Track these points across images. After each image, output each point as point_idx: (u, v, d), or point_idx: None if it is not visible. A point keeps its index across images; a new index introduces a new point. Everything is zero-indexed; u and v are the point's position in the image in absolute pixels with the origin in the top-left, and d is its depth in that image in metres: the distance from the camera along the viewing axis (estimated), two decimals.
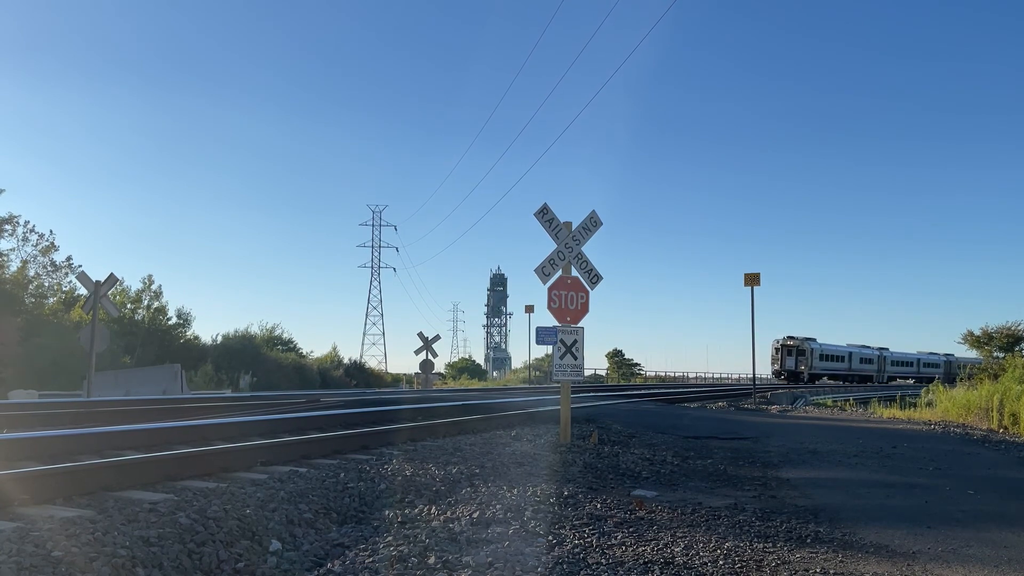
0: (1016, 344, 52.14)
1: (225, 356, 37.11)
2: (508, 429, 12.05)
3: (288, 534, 5.50)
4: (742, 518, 6.12)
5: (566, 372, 10.62)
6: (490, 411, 14.41)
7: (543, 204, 10.98)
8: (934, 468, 9.92)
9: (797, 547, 5.25)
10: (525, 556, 4.65)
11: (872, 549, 5.30)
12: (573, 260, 10.88)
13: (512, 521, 5.52)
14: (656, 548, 5.01)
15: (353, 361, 52.36)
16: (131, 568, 4.38)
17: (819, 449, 11.67)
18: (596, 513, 5.97)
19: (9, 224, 28.91)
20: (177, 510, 5.29)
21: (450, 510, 5.89)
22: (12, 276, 28.28)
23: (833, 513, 6.54)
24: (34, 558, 4.18)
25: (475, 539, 5.07)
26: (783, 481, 8.43)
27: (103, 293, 22.09)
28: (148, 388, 27.06)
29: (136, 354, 33.43)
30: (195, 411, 12.26)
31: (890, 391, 63.70)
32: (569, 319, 10.68)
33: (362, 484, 6.86)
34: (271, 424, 10.42)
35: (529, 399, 19.79)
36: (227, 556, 4.91)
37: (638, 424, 14.35)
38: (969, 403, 21.19)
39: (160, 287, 37.94)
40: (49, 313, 30.83)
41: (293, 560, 4.97)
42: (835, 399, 49.45)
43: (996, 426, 18.17)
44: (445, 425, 11.56)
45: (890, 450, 11.79)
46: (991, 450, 13.00)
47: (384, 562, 4.56)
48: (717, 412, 21.77)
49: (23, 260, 29.90)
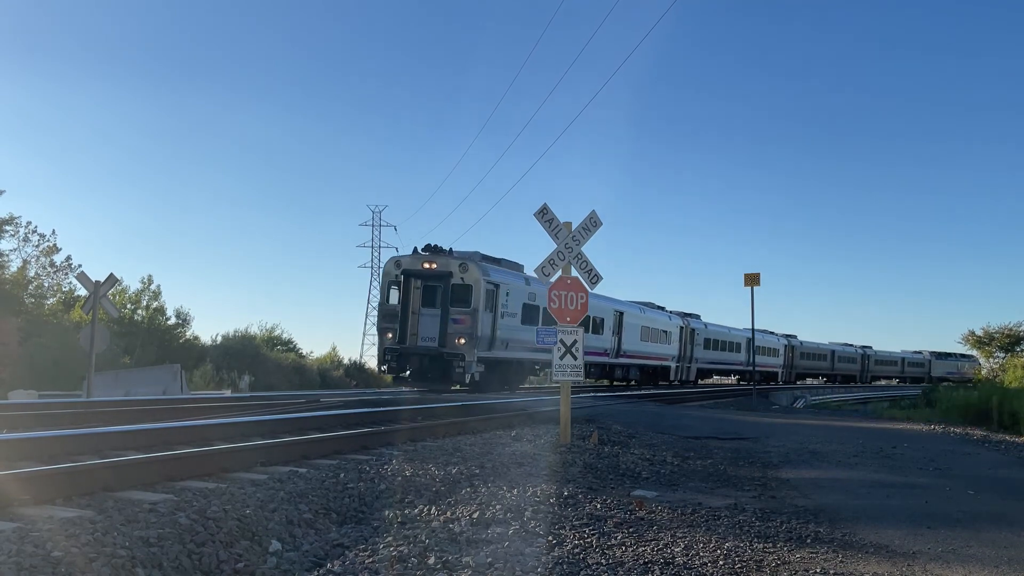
0: (1016, 344, 52.14)
1: (225, 356, 37.08)
2: (508, 429, 12.04)
3: (288, 534, 5.50)
4: (742, 518, 6.12)
5: (566, 372, 10.62)
6: (490, 411, 14.41)
7: (543, 204, 10.96)
8: (934, 468, 9.92)
9: (797, 547, 5.25)
10: (525, 556, 4.65)
11: (872, 549, 5.30)
12: (573, 260, 10.87)
13: (512, 521, 5.52)
14: (656, 548, 5.01)
15: (353, 361, 52.34)
16: (131, 568, 4.38)
17: (819, 449, 11.67)
18: (596, 513, 5.97)
19: (10, 224, 28.92)
20: (177, 510, 5.29)
21: (450, 510, 5.89)
22: (12, 276, 28.29)
23: (833, 513, 6.54)
24: (34, 558, 4.18)
25: (475, 539, 5.07)
26: (783, 481, 8.44)
27: (103, 293, 22.09)
28: (148, 388, 27.04)
29: (136, 354, 33.42)
30: (195, 411, 12.25)
31: (876, 392, 62.17)
32: (569, 319, 10.68)
33: (362, 484, 6.86)
34: (271, 424, 10.41)
35: (529, 399, 19.79)
36: (227, 556, 4.91)
37: (638, 424, 14.35)
38: (968, 403, 21.23)
39: (159, 287, 37.94)
40: (49, 313, 30.83)
41: (293, 560, 4.97)
42: (836, 399, 49.49)
43: (996, 426, 18.19)
44: (445, 425, 11.56)
45: (890, 450, 11.79)
46: (991, 450, 13.01)
47: (384, 562, 4.56)
48: (717, 412, 21.77)
49: (23, 260, 29.92)
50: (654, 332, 37.32)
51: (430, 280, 21.62)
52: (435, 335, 21.02)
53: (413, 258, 21.87)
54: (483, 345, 21.48)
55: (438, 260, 21.41)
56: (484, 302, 21.32)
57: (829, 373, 66.46)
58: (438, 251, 21.82)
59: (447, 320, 20.95)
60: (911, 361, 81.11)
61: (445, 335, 20.89)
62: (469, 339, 20.84)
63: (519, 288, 23.72)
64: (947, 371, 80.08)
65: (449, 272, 21.17)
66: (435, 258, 21.52)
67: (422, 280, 21.76)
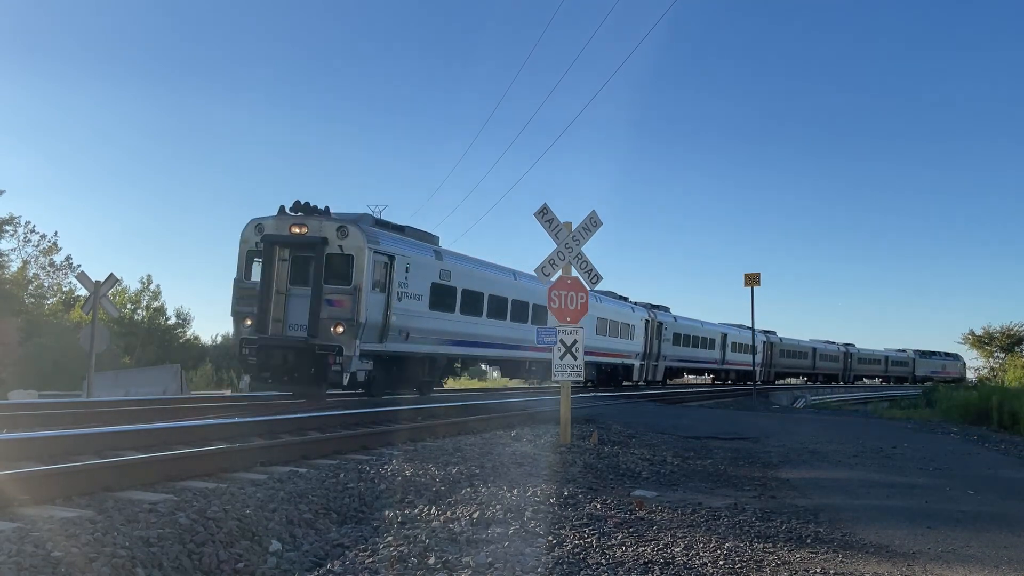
0: (1017, 345, 52.18)
1: (225, 356, 37.12)
2: (508, 429, 12.05)
3: (288, 534, 5.50)
4: (742, 518, 6.12)
5: (566, 372, 10.62)
6: (490, 411, 14.42)
7: (543, 204, 10.96)
8: (934, 468, 9.92)
9: (797, 547, 5.25)
10: (525, 556, 4.65)
11: (872, 549, 5.30)
12: (573, 260, 10.88)
13: (512, 521, 5.52)
14: (656, 548, 5.00)
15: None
16: (131, 568, 4.38)
17: (819, 449, 11.67)
18: (596, 513, 5.97)
19: (10, 225, 28.94)
20: (177, 510, 5.29)
21: (450, 510, 5.89)
22: (12, 276, 28.29)
23: (833, 513, 6.53)
24: (34, 558, 4.18)
25: (475, 539, 5.07)
26: (783, 481, 8.44)
27: (103, 293, 22.09)
28: (148, 388, 27.05)
29: (136, 354, 33.46)
30: (195, 411, 12.25)
31: (876, 392, 61.09)
32: (569, 319, 10.68)
33: (362, 484, 6.86)
34: (270, 424, 10.42)
35: (529, 399, 19.79)
36: (227, 556, 4.91)
37: (638, 424, 14.36)
38: (968, 403, 21.26)
39: (159, 287, 38.07)
40: (49, 313, 30.86)
41: (293, 560, 4.97)
42: (837, 399, 49.49)
43: (995, 426, 18.20)
44: (445, 425, 11.57)
45: (890, 450, 11.79)
46: (991, 450, 13.01)
47: (384, 562, 4.56)
48: (717, 412, 21.78)
49: (23, 260, 29.93)
50: (613, 325, 32.33)
51: (301, 249, 16.59)
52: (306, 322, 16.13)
53: (279, 220, 16.78)
54: (370, 335, 16.56)
55: (310, 223, 16.53)
56: (371, 278, 16.41)
57: (810, 372, 63.10)
58: (311, 211, 16.87)
59: (320, 302, 16.02)
60: (895, 360, 78.26)
61: (317, 322, 15.96)
62: (349, 327, 15.91)
63: (426, 263, 18.78)
64: (931, 370, 78.31)
65: (324, 238, 16.31)
66: (306, 220, 16.60)
67: (291, 250, 16.68)
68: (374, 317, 16.61)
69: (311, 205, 16.90)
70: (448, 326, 19.70)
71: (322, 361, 15.90)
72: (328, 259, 16.27)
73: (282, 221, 16.70)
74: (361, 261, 16.23)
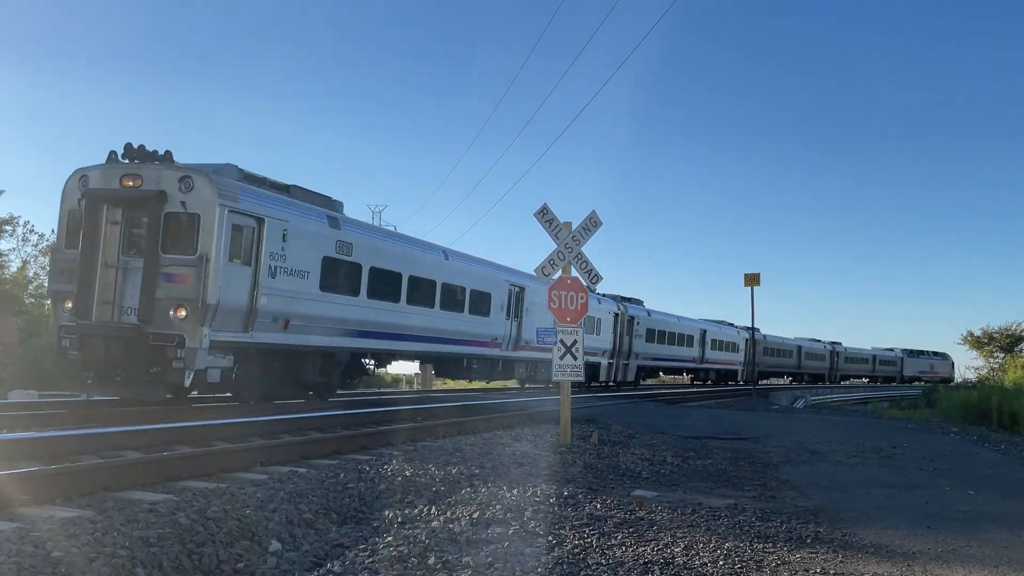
0: (1016, 345, 52.16)
1: None
2: (508, 429, 12.05)
3: (288, 534, 5.50)
4: (742, 518, 6.12)
5: (566, 372, 10.63)
6: (490, 411, 14.41)
7: (543, 204, 10.98)
8: (934, 468, 9.92)
9: (797, 547, 5.25)
10: (525, 556, 4.65)
11: (872, 549, 5.30)
12: (573, 260, 10.88)
13: (512, 521, 5.52)
14: (656, 548, 5.00)
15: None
16: (131, 568, 4.38)
17: (819, 449, 11.67)
18: (596, 513, 5.97)
19: (9, 225, 28.93)
20: (177, 510, 5.29)
21: (450, 510, 5.89)
22: (12, 276, 28.28)
23: (833, 513, 6.53)
24: (34, 558, 4.18)
25: (475, 539, 5.07)
26: (783, 481, 8.44)
27: None
28: None
29: None
30: (195, 411, 12.24)
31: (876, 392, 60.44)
32: (569, 319, 10.69)
33: (362, 484, 6.86)
34: (270, 424, 10.42)
35: (529, 399, 19.79)
36: (227, 556, 4.91)
37: (638, 424, 14.36)
38: (968, 403, 21.26)
39: None
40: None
41: (293, 560, 4.97)
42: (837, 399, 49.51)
43: (995, 426, 18.21)
44: (445, 425, 11.56)
45: (890, 450, 11.79)
46: (991, 450, 13.01)
47: (384, 562, 4.56)
48: (717, 412, 21.78)
49: (23, 260, 29.91)
50: None
51: (135, 208, 12.62)
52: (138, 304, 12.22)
53: (107, 170, 12.77)
54: (227, 321, 12.57)
55: (145, 173, 12.50)
56: (226, 246, 12.46)
57: (795, 371, 60.16)
58: (147, 156, 12.80)
59: (155, 276, 12.14)
60: (883, 359, 75.71)
61: (152, 303, 12.09)
62: (193, 309, 12.03)
63: (316, 232, 14.52)
64: (920, 370, 77.00)
65: (160, 192, 12.29)
66: (140, 170, 12.55)
67: (124, 209, 12.74)
68: (232, 298, 12.62)
69: (147, 148, 12.88)
70: (350, 313, 15.57)
71: (160, 355, 12.07)
72: (166, 219, 12.32)
73: (111, 171, 12.71)
74: (211, 222, 12.24)
